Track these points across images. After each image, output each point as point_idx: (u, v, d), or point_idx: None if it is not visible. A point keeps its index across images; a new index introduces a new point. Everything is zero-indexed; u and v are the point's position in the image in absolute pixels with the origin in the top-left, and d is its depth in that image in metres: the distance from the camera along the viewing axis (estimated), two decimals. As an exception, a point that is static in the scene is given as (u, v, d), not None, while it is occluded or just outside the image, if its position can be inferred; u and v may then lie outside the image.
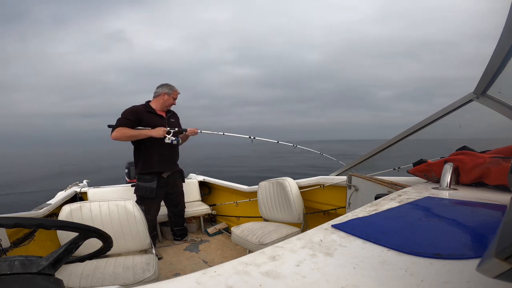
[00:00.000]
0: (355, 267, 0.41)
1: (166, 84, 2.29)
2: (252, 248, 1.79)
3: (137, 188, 2.22)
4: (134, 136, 2.11)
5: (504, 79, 1.16)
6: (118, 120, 2.11)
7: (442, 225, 0.59)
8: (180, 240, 2.62)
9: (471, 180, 1.01)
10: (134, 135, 2.11)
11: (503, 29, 0.94)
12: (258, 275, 0.39)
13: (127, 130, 2.08)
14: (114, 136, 2.07)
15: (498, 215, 0.64)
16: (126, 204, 1.62)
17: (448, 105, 1.50)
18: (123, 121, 2.09)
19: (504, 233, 0.27)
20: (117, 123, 2.09)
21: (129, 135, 2.09)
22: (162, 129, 2.14)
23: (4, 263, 0.57)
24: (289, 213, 2.05)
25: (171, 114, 2.38)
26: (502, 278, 0.25)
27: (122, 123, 2.08)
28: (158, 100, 2.27)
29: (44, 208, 1.94)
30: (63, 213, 1.50)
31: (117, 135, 2.06)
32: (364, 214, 0.68)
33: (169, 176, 2.32)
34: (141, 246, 1.63)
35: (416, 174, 1.25)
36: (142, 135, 2.11)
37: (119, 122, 2.09)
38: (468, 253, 0.43)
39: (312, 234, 0.55)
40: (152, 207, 2.26)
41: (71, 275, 1.28)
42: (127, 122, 2.09)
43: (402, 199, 0.83)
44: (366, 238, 0.52)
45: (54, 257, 0.64)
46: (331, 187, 2.06)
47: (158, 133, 2.11)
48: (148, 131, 2.12)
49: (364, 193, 1.47)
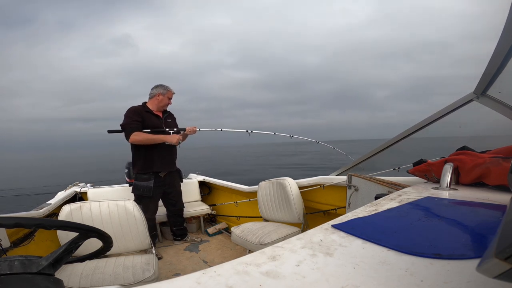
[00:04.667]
0: (355, 267, 0.41)
1: (160, 85, 2.32)
2: (252, 248, 1.79)
3: (135, 187, 2.24)
4: (154, 140, 2.17)
5: (504, 79, 1.16)
6: (128, 124, 2.13)
7: (442, 225, 0.59)
8: (180, 240, 2.63)
9: (471, 180, 1.01)
10: (153, 139, 2.16)
11: (503, 29, 0.94)
12: (258, 275, 0.39)
13: (146, 135, 2.14)
14: (134, 139, 2.11)
15: (498, 215, 0.64)
16: (126, 204, 1.62)
17: (448, 105, 1.50)
18: (134, 125, 2.13)
19: (504, 233, 0.27)
20: (129, 127, 2.12)
21: (149, 139, 2.15)
22: (177, 137, 2.21)
23: (4, 263, 0.57)
24: (289, 213, 2.05)
25: (167, 114, 2.42)
26: (502, 278, 0.25)
27: (134, 127, 2.13)
28: (154, 101, 2.30)
29: (44, 208, 1.94)
30: (63, 213, 1.50)
31: (138, 139, 2.11)
32: (364, 214, 0.68)
33: (166, 175, 2.34)
34: (141, 246, 1.63)
35: (416, 174, 1.25)
36: (159, 140, 2.17)
37: (132, 126, 2.12)
38: (468, 253, 0.43)
39: (312, 234, 0.55)
40: (150, 206, 2.27)
41: (71, 275, 1.28)
42: (138, 125, 2.14)
43: (402, 199, 0.83)
44: (366, 238, 0.52)
45: (54, 257, 0.64)
46: (331, 187, 2.06)
47: (172, 140, 2.19)
48: (164, 137, 2.19)
49: (364, 193, 1.47)
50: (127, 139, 2.13)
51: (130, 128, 2.12)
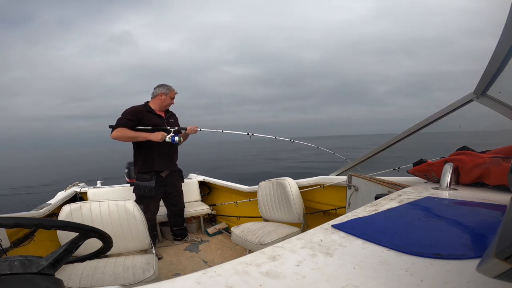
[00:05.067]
0: (355, 267, 0.41)
1: (163, 85, 2.31)
2: (252, 248, 1.79)
3: (136, 187, 2.24)
4: (134, 137, 2.13)
5: (504, 79, 1.16)
6: (119, 120, 2.12)
7: (442, 225, 0.59)
8: (180, 240, 2.62)
9: (471, 180, 1.01)
10: (134, 137, 2.13)
11: (503, 29, 0.94)
12: (258, 275, 0.39)
13: (127, 131, 2.10)
14: (114, 135, 2.09)
15: (498, 215, 0.64)
16: (126, 204, 1.62)
17: (448, 105, 1.50)
18: (123, 122, 2.11)
19: (504, 233, 0.27)
20: (117, 123, 2.11)
21: (129, 136, 2.12)
22: (161, 133, 2.15)
23: (4, 263, 0.57)
24: (289, 213, 2.05)
25: (170, 114, 2.41)
26: (502, 278, 0.25)
27: (122, 124, 2.10)
28: (156, 101, 2.30)
29: (44, 208, 1.94)
30: (63, 213, 1.50)
31: (117, 135, 2.08)
32: (364, 214, 0.68)
33: (167, 175, 2.34)
34: (141, 246, 1.63)
35: (416, 174, 1.25)
36: (141, 137, 2.13)
37: (119, 122, 2.11)
38: (468, 253, 0.43)
39: (312, 234, 0.55)
40: (151, 206, 2.27)
41: (71, 275, 1.28)
42: (127, 123, 2.11)
43: (402, 199, 0.83)
44: (366, 238, 0.52)
45: (54, 257, 0.64)
46: (331, 187, 2.06)
47: (156, 137, 2.12)
48: (148, 134, 2.14)
49: (364, 193, 1.47)
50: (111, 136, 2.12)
51: (116, 125, 2.10)
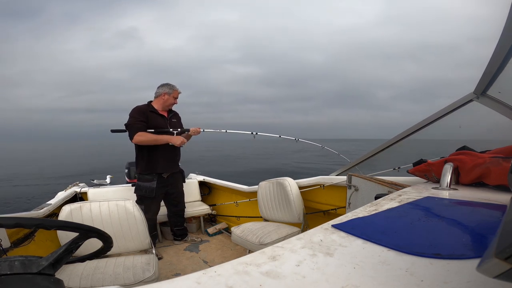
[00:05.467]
0: (355, 267, 0.41)
1: (166, 84, 2.29)
2: (252, 248, 1.79)
3: (137, 188, 2.23)
4: (156, 140, 2.14)
5: (504, 79, 1.16)
6: (133, 124, 2.11)
7: (442, 225, 0.59)
8: (180, 240, 2.62)
9: (471, 180, 1.01)
10: (156, 140, 2.14)
11: (503, 29, 0.94)
12: (258, 275, 0.39)
13: (149, 135, 2.12)
14: (138, 140, 2.09)
15: (498, 215, 0.64)
16: (126, 204, 1.62)
17: (448, 105, 1.50)
18: (139, 125, 2.11)
19: (504, 233, 0.27)
20: (135, 127, 2.10)
21: (153, 139, 2.12)
22: (181, 139, 2.17)
23: (4, 263, 0.57)
24: (289, 213, 2.05)
25: (172, 114, 2.39)
26: (502, 278, 0.25)
27: (139, 127, 2.11)
28: (159, 100, 2.28)
29: (44, 208, 1.94)
30: (63, 213, 1.50)
31: (141, 139, 2.09)
32: (364, 214, 0.68)
33: (169, 176, 2.33)
34: (141, 246, 1.64)
35: (416, 174, 1.25)
36: (162, 141, 2.14)
37: (137, 126, 2.10)
38: (468, 253, 0.43)
39: (312, 234, 0.55)
40: (152, 206, 2.26)
41: (71, 275, 1.28)
42: (143, 125, 2.12)
43: (402, 199, 0.83)
44: (366, 238, 0.52)
45: (54, 257, 0.64)
46: (331, 187, 2.06)
47: (176, 141, 2.15)
48: (169, 137, 2.16)
49: (364, 193, 1.47)
50: (131, 139, 2.11)
51: (135, 128, 2.10)
